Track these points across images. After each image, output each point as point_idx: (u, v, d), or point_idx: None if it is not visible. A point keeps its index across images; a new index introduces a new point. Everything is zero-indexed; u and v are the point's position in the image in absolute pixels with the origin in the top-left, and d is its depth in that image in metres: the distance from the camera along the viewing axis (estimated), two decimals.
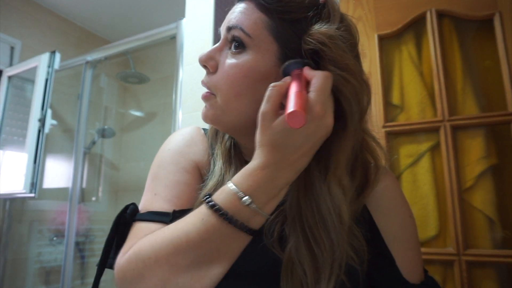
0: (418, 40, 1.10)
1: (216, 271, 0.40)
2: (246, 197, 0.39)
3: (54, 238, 2.11)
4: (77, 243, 1.98)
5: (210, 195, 0.42)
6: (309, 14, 0.47)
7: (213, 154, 0.54)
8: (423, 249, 0.98)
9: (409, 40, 1.11)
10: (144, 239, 0.42)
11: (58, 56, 1.84)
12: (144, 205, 0.50)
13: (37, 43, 2.29)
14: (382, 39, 1.12)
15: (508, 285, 0.92)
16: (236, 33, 0.48)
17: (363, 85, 0.46)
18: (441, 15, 1.06)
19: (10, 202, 2.02)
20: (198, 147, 0.56)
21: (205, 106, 0.51)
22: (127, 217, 0.48)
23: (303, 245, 0.44)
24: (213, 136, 0.57)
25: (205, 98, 0.51)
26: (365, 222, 0.51)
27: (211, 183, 0.50)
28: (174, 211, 0.47)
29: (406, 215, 0.55)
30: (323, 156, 0.44)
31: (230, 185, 0.40)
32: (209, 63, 0.50)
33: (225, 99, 0.48)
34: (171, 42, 1.51)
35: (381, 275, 0.51)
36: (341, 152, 0.44)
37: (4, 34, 2.11)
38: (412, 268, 0.53)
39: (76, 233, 1.81)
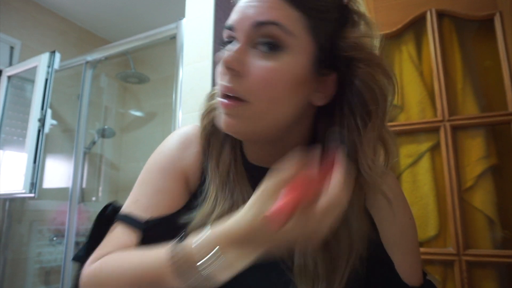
0: (418, 40, 1.10)
1: None
2: (203, 261, 0.36)
3: (54, 238, 2.11)
4: (77, 243, 1.97)
5: (181, 237, 0.40)
6: (339, 15, 0.46)
7: (208, 161, 0.52)
8: (423, 249, 0.98)
9: (409, 40, 1.11)
10: (109, 257, 0.43)
11: (58, 56, 1.84)
12: (124, 209, 0.50)
13: (37, 43, 2.29)
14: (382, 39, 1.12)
15: (508, 285, 0.92)
16: (273, 30, 0.42)
17: (391, 84, 0.46)
18: (441, 15, 1.06)
19: (10, 202, 2.01)
20: (192, 150, 0.54)
21: (228, 115, 0.44)
22: (109, 215, 0.49)
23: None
24: (206, 145, 0.53)
25: (232, 106, 0.43)
26: (369, 222, 0.51)
27: (202, 211, 0.47)
28: (147, 221, 0.47)
29: (407, 217, 0.55)
30: (350, 149, 0.45)
31: (194, 241, 0.37)
32: (238, 65, 0.43)
33: (262, 106, 0.43)
34: (171, 42, 1.51)
35: (379, 279, 0.51)
36: (367, 146, 0.45)
37: (4, 34, 2.11)
38: (412, 272, 0.52)
39: (76, 233, 1.81)
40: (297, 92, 0.44)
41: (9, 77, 2.00)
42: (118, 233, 0.47)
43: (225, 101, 0.44)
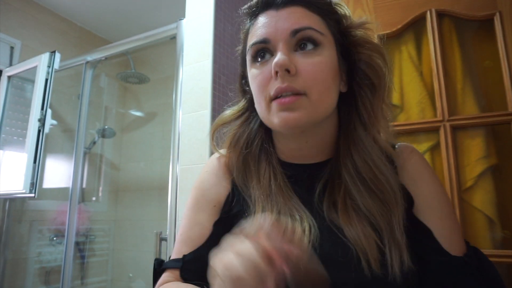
0: (418, 40, 1.10)
1: None
2: None
3: (54, 238, 2.11)
4: (77, 243, 1.98)
5: None
6: (339, 13, 0.56)
7: (244, 182, 0.57)
8: None
9: (409, 40, 1.11)
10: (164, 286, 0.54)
11: (58, 56, 1.84)
12: (175, 244, 0.59)
13: (37, 43, 2.29)
14: (382, 39, 1.12)
15: (508, 285, 0.92)
16: (310, 33, 0.50)
17: (385, 60, 0.55)
18: (441, 15, 1.06)
19: (10, 202, 2.02)
20: (223, 177, 0.60)
21: (288, 110, 0.49)
22: (157, 271, 0.58)
23: (365, 194, 0.51)
24: (242, 167, 0.58)
25: (294, 100, 0.49)
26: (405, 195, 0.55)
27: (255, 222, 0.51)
28: (184, 256, 0.55)
29: (436, 183, 0.57)
30: (364, 115, 0.55)
31: None
32: (291, 65, 0.49)
33: (319, 95, 0.50)
34: (171, 42, 1.51)
35: (421, 248, 0.51)
36: (378, 112, 0.54)
37: (4, 34, 2.11)
38: (452, 239, 0.52)
39: (76, 233, 1.81)
40: (336, 80, 0.53)
41: (9, 77, 2.00)
42: (163, 277, 0.56)
43: (285, 99, 0.49)
